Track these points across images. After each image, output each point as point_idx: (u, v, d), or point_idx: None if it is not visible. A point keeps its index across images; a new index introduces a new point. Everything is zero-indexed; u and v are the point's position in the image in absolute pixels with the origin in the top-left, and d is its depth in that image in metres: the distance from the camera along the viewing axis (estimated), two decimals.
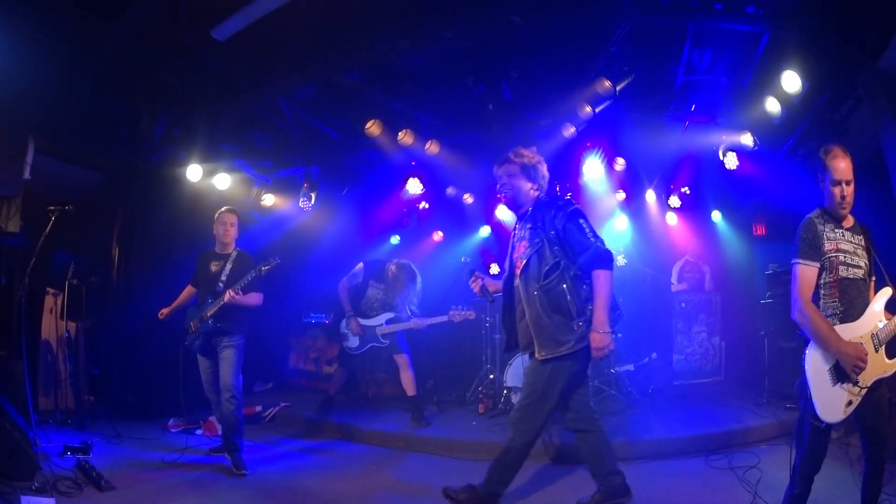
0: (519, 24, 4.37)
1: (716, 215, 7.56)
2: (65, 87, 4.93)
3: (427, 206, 7.55)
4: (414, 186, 6.40)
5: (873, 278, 2.70)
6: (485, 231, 8.09)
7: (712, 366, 7.09)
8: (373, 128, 5.62)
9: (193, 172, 5.87)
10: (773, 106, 4.64)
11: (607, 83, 4.77)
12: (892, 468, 2.84)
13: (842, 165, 2.62)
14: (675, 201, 7.10)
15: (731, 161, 5.59)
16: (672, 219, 7.53)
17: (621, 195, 7.29)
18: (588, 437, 3.32)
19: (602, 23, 4.44)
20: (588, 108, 5.04)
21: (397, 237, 7.53)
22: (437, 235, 8.32)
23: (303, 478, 4.20)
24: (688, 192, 7.11)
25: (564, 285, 3.11)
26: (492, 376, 6.20)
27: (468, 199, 7.66)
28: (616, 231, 7.58)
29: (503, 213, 7.53)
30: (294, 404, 6.19)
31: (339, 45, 4.83)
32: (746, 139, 5.34)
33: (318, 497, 3.82)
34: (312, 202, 6.51)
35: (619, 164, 6.56)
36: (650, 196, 7.29)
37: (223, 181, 6.15)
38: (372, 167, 7.17)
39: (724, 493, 3.60)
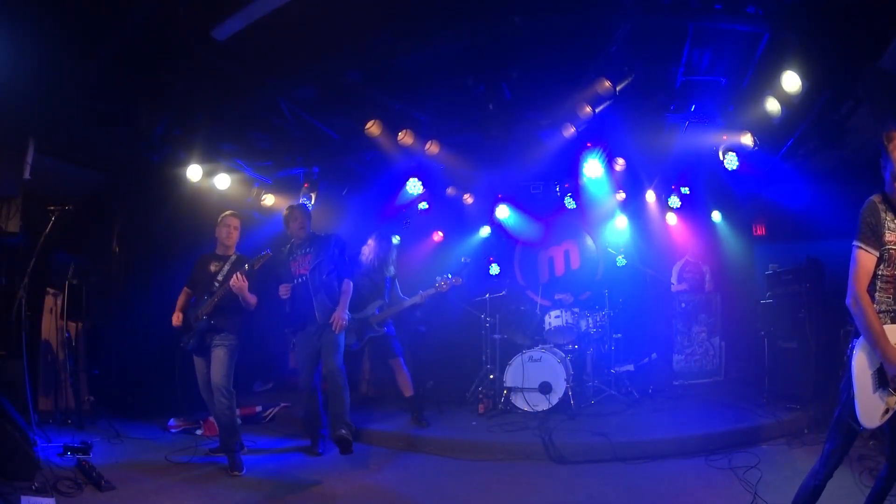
0: (519, 24, 4.38)
1: (716, 215, 7.56)
2: (65, 87, 4.92)
3: (427, 206, 7.56)
4: (414, 186, 6.40)
5: None
6: (485, 231, 8.10)
7: (712, 366, 7.09)
8: (373, 128, 5.62)
9: (193, 172, 5.87)
10: (773, 106, 4.64)
11: (607, 83, 4.77)
12: None
13: None
14: (675, 201, 7.11)
15: (731, 161, 5.58)
16: (672, 219, 7.54)
17: (621, 195, 7.30)
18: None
19: (602, 23, 4.44)
20: (588, 108, 5.04)
21: (397, 237, 7.54)
22: (437, 235, 8.33)
23: (302, 478, 4.20)
24: (688, 192, 7.12)
25: None
26: (492, 376, 6.20)
27: (468, 199, 7.66)
28: (616, 231, 7.60)
29: (503, 213, 7.55)
30: (294, 404, 6.18)
31: (339, 45, 4.83)
32: (746, 139, 5.33)
33: (317, 497, 3.82)
34: (313, 202, 6.51)
35: (619, 164, 6.57)
36: (650, 196, 7.30)
37: (223, 181, 6.15)
38: (372, 167, 7.17)
39: (724, 493, 3.60)
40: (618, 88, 4.78)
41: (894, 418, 2.41)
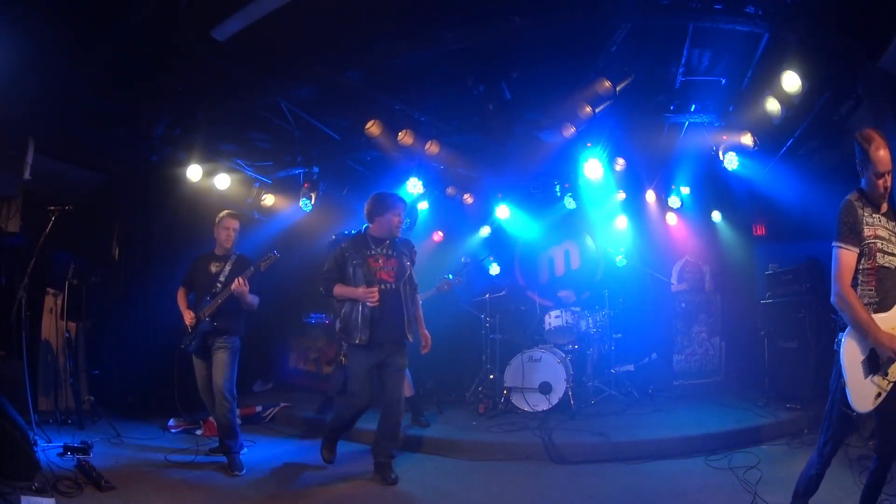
0: (519, 25, 4.37)
1: (716, 215, 7.56)
2: (65, 87, 4.93)
3: (427, 206, 7.55)
4: (414, 186, 6.40)
5: None
6: (485, 231, 8.09)
7: (712, 366, 7.10)
8: (373, 128, 5.62)
9: (193, 172, 5.87)
10: (773, 106, 4.64)
11: (607, 83, 4.77)
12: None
13: (885, 156, 2.55)
14: (675, 201, 7.11)
15: (731, 161, 5.59)
16: (672, 219, 7.54)
17: (621, 195, 7.30)
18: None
19: (602, 23, 4.43)
20: (588, 108, 5.03)
21: None
22: (437, 235, 8.33)
23: (302, 478, 4.21)
24: (688, 192, 7.12)
25: None
26: (492, 376, 6.20)
27: (468, 199, 7.66)
28: (616, 231, 7.60)
29: (503, 213, 7.55)
30: (294, 404, 6.19)
31: (339, 46, 4.83)
32: (746, 139, 5.34)
33: (317, 497, 3.82)
34: (313, 202, 6.52)
35: (619, 164, 6.56)
36: (650, 196, 7.30)
37: (223, 181, 6.15)
38: (372, 167, 7.17)
39: (724, 493, 3.60)
40: (618, 88, 4.77)
41: (885, 405, 2.50)
